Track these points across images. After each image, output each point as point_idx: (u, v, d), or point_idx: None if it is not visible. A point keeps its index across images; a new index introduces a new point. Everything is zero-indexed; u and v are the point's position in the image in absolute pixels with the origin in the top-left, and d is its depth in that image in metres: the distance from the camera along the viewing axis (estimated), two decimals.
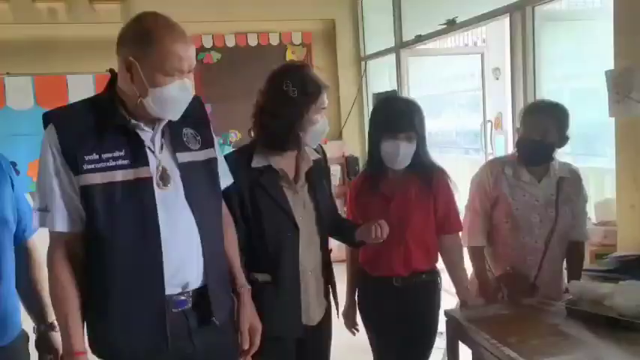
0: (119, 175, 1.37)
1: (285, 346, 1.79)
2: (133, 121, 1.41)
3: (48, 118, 1.40)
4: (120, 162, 1.37)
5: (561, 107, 2.12)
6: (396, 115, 1.99)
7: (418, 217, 2.05)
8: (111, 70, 1.46)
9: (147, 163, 1.40)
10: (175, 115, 1.44)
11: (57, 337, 1.72)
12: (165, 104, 1.39)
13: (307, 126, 1.76)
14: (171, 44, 1.34)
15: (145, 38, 1.34)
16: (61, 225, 1.38)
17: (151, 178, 1.40)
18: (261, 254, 1.73)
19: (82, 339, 1.41)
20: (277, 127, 1.75)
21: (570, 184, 2.13)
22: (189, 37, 1.39)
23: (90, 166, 1.35)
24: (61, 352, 1.70)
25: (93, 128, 1.37)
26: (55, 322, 1.72)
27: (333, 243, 1.97)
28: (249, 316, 1.62)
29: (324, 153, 1.99)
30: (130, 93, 1.39)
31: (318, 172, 1.90)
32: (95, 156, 1.35)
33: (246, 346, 1.60)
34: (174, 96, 1.38)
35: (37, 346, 1.74)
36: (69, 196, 1.37)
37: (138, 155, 1.39)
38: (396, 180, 2.06)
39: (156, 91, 1.36)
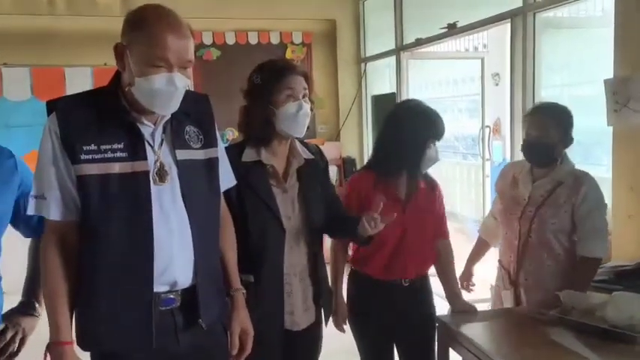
0: (116, 167, 1.36)
1: (270, 351, 1.76)
2: (134, 114, 1.39)
3: (51, 106, 1.38)
4: (118, 154, 1.36)
5: (561, 107, 2.13)
6: (441, 122, 2.02)
7: (429, 221, 2.08)
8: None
9: (145, 157, 1.38)
10: (164, 109, 1.39)
11: (29, 319, 1.67)
12: (151, 96, 1.35)
13: (274, 109, 1.74)
14: (160, 33, 1.31)
15: (136, 24, 1.33)
16: (56, 213, 1.37)
17: (147, 172, 1.38)
18: (245, 253, 1.69)
19: (69, 329, 1.39)
20: (250, 117, 1.77)
21: (567, 189, 2.06)
22: (186, 32, 1.36)
23: (87, 157, 1.34)
24: (22, 333, 1.67)
25: (94, 119, 1.36)
26: (37, 305, 1.69)
27: (325, 245, 1.94)
28: (241, 321, 1.58)
29: (320, 153, 1.95)
30: (124, 81, 1.38)
31: (311, 172, 1.87)
32: (93, 146, 1.34)
33: (234, 352, 1.57)
34: (159, 89, 1.33)
35: (5, 316, 1.67)
36: (66, 185, 1.36)
37: (137, 148, 1.38)
38: (408, 185, 2.05)
39: (141, 80, 1.33)
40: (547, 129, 2.05)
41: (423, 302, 2.12)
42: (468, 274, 2.40)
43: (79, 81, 4.73)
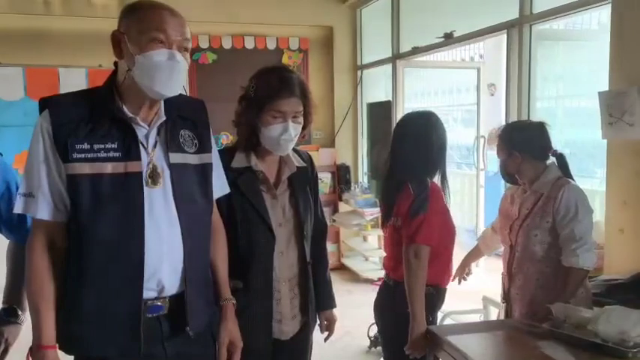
0: (109, 167, 1.34)
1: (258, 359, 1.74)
2: (129, 114, 1.38)
3: (44, 103, 1.36)
4: (111, 154, 1.34)
5: (509, 127, 2.29)
6: None
7: None
8: (115, 63, 1.43)
9: (138, 158, 1.37)
10: (165, 87, 1.36)
11: (13, 327, 1.67)
12: (153, 72, 1.33)
13: (261, 127, 1.73)
14: (157, 10, 1.34)
15: (133, 8, 1.36)
16: (45, 213, 1.34)
17: (140, 174, 1.37)
18: (233, 259, 1.67)
19: (52, 333, 1.35)
20: (240, 123, 1.77)
21: (547, 199, 2.06)
22: (179, 15, 1.38)
23: (80, 155, 1.32)
24: (4, 344, 1.64)
25: (88, 117, 1.35)
26: (19, 312, 1.68)
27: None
28: (230, 331, 1.56)
29: (311, 162, 1.94)
30: (120, 72, 1.37)
31: (302, 180, 1.85)
32: (86, 145, 1.32)
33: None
34: (161, 61, 1.32)
35: None
36: (55, 184, 1.33)
37: (130, 149, 1.36)
38: (443, 186, 2.17)
39: (140, 57, 1.32)
40: (501, 154, 2.19)
41: None
42: (462, 267, 2.50)
43: (73, 82, 4.70)
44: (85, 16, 4.86)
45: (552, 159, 2.14)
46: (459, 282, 2.48)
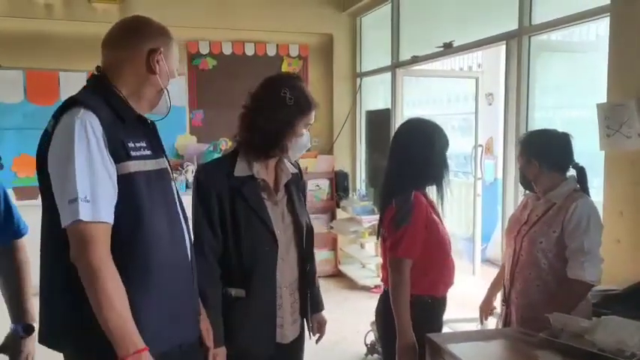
0: (151, 164, 1.38)
1: None
2: (143, 115, 1.45)
3: (78, 102, 1.31)
4: (147, 152, 1.38)
5: (531, 134, 2.26)
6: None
7: None
8: (98, 68, 1.43)
9: (163, 155, 1.44)
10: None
11: (30, 341, 1.65)
12: (169, 97, 1.47)
13: (292, 136, 1.76)
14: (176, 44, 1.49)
15: (165, 31, 1.44)
16: (107, 215, 1.27)
17: (168, 170, 1.44)
18: (236, 267, 1.69)
19: (139, 335, 1.27)
20: (268, 130, 1.73)
21: (559, 209, 2.06)
22: None
23: (135, 153, 1.34)
24: (33, 355, 1.64)
25: (117, 118, 1.35)
26: (34, 325, 1.64)
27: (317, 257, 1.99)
28: (204, 317, 1.63)
29: (299, 168, 1.98)
30: (150, 86, 1.42)
31: (297, 186, 1.90)
32: (132, 144, 1.35)
33: (210, 344, 1.61)
34: (167, 89, 1.47)
35: (5, 347, 1.65)
36: (108, 185, 1.29)
37: (156, 146, 1.42)
38: (439, 197, 2.09)
39: (170, 81, 1.45)
40: (520, 160, 2.18)
41: None
42: (487, 302, 2.42)
43: (73, 85, 4.65)
44: (86, 20, 4.88)
45: (573, 171, 2.12)
46: (486, 319, 2.43)
